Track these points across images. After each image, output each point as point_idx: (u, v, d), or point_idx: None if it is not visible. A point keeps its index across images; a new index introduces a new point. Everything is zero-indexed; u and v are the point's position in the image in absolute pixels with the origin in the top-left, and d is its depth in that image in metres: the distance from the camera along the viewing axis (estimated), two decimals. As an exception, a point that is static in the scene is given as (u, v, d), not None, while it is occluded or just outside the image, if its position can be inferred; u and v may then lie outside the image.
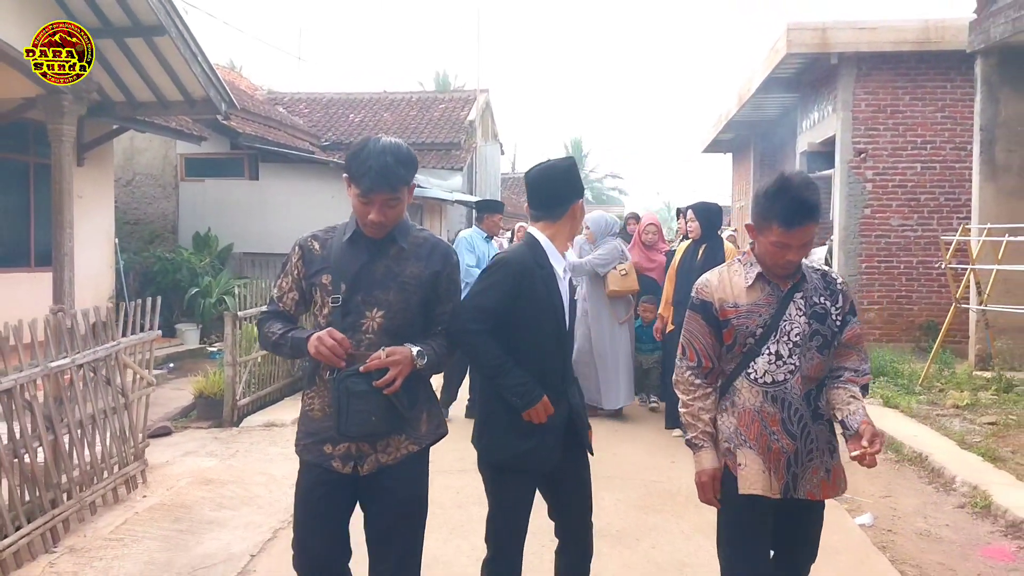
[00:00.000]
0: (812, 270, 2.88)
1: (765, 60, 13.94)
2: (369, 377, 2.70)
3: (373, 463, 2.84)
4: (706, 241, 7.30)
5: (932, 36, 11.81)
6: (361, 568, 2.98)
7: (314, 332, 2.77)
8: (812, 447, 2.81)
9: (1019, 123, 9.91)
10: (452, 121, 22.22)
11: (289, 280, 2.93)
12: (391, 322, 2.82)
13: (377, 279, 2.82)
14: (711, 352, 2.89)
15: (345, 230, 2.89)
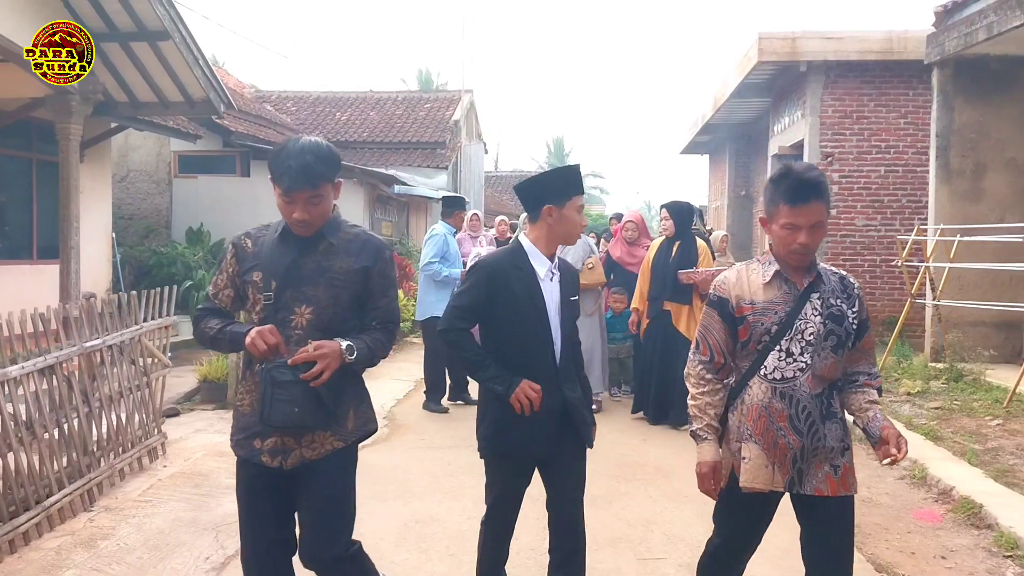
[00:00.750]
0: (830, 272, 2.92)
1: (738, 66, 14.59)
2: (296, 369, 2.72)
3: (297, 458, 2.86)
4: (679, 239, 7.63)
5: (895, 46, 12.50)
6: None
7: (252, 327, 2.80)
8: (819, 445, 2.82)
9: (972, 130, 10.58)
10: (437, 121, 22.73)
11: (224, 277, 2.96)
12: (319, 318, 2.84)
13: (306, 275, 2.85)
14: (724, 348, 2.92)
15: (277, 228, 2.92)
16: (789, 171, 2.81)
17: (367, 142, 22.06)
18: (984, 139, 10.57)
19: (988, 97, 10.51)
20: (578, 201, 3.35)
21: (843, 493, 2.83)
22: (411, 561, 4.39)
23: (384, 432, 7.17)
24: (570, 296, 3.36)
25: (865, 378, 2.93)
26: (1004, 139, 10.52)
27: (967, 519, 5.15)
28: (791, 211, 2.74)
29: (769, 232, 2.87)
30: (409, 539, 4.70)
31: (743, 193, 20.27)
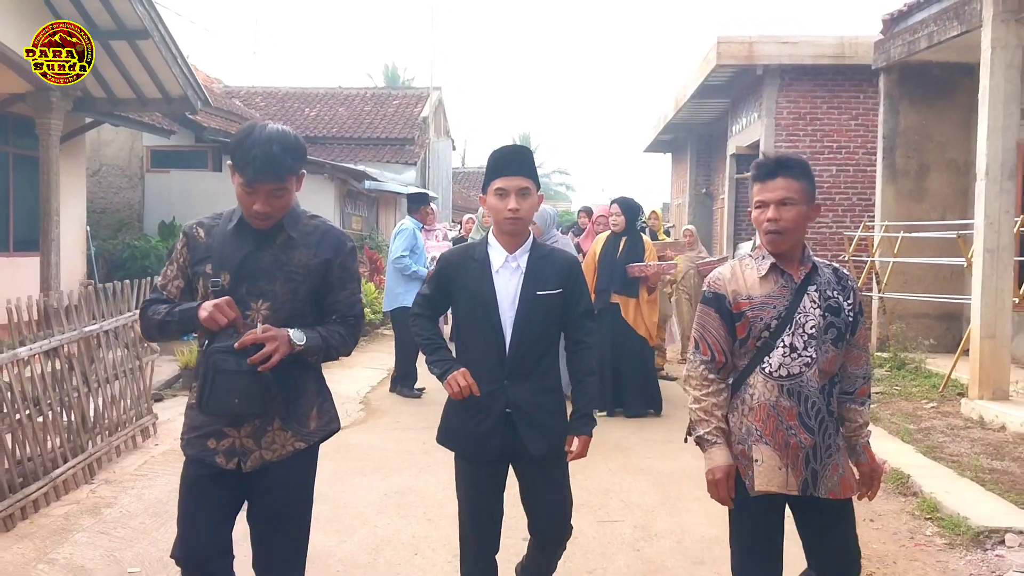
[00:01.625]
0: (824, 265, 2.86)
1: (698, 69, 15.14)
2: (240, 356, 2.57)
3: (257, 460, 2.71)
4: (626, 234, 7.87)
5: (847, 51, 13.10)
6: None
7: (204, 300, 2.67)
8: (831, 442, 2.76)
9: (916, 133, 11.20)
10: (406, 117, 23.10)
11: (175, 268, 2.79)
12: (277, 313, 2.70)
13: (263, 269, 2.70)
14: (724, 346, 2.81)
15: (231, 217, 2.76)
16: (763, 154, 2.84)
17: (336, 138, 22.37)
18: (927, 141, 11.20)
19: (931, 101, 11.13)
20: (495, 185, 3.10)
21: (850, 494, 2.80)
22: (392, 525, 4.82)
23: (361, 415, 7.59)
24: (538, 290, 3.10)
25: (861, 383, 2.87)
26: (945, 141, 11.15)
27: (896, 488, 5.67)
28: (760, 188, 2.74)
29: (754, 222, 2.84)
30: (389, 507, 5.13)
31: (704, 191, 20.85)
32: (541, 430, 3.12)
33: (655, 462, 6.14)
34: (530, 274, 3.11)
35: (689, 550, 4.50)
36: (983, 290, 7.73)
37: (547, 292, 3.11)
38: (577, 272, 3.22)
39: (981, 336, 7.72)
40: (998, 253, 7.69)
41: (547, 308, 3.11)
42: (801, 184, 2.73)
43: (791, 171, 2.73)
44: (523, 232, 3.16)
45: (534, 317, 3.10)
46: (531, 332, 3.10)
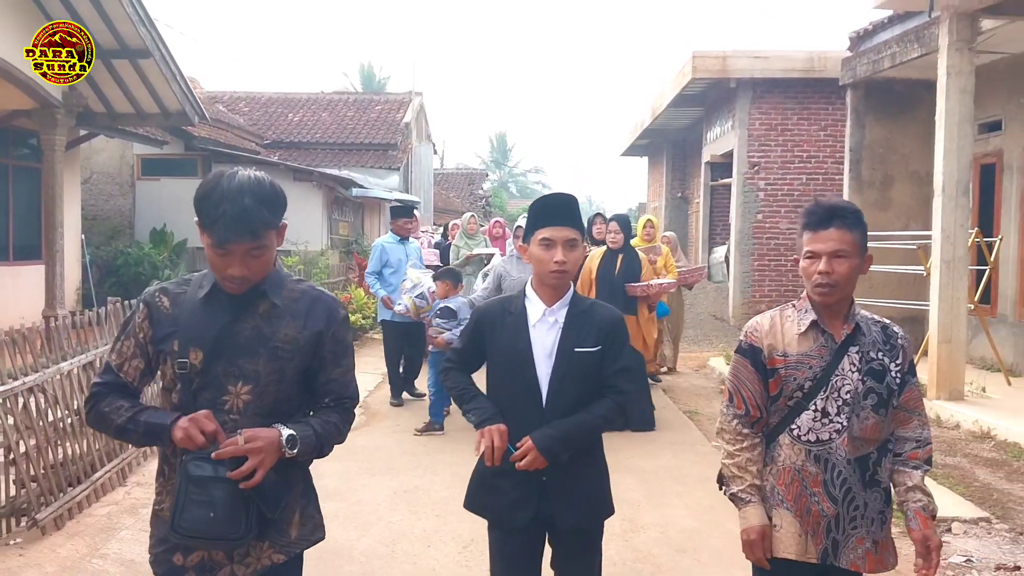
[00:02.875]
0: (872, 322, 2.70)
1: (674, 80, 15.73)
2: (220, 464, 2.20)
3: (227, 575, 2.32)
4: (623, 251, 7.79)
5: (816, 65, 13.74)
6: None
7: (178, 416, 2.24)
8: (856, 515, 2.61)
9: (881, 146, 11.83)
10: (389, 123, 23.52)
11: (132, 344, 2.34)
12: (261, 399, 2.32)
13: (242, 345, 2.31)
14: (759, 401, 2.68)
15: (201, 283, 2.37)
16: (817, 201, 2.70)
17: (320, 143, 22.75)
18: (891, 154, 11.83)
19: (895, 116, 11.76)
20: (541, 234, 2.94)
21: (879, 570, 2.67)
22: (405, 521, 5.32)
23: (362, 419, 8.07)
24: (576, 346, 2.91)
25: (913, 447, 2.69)
26: (908, 154, 11.78)
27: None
28: (812, 237, 2.60)
29: (801, 271, 2.69)
30: (400, 504, 5.63)
31: (680, 195, 21.49)
32: (575, 500, 2.90)
33: (639, 461, 6.66)
34: (568, 329, 2.93)
35: (672, 540, 5.05)
36: (940, 298, 8.34)
37: (585, 349, 2.92)
38: (619, 329, 3.00)
39: (938, 341, 8.33)
40: (954, 264, 8.30)
41: (585, 365, 2.92)
42: (855, 235, 2.58)
43: (845, 221, 2.58)
44: (566, 286, 2.98)
45: (572, 375, 2.91)
46: (569, 391, 2.90)
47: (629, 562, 4.73)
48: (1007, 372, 9.32)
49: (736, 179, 14.21)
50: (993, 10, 8.08)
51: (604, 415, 2.89)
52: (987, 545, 5.04)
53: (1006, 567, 4.70)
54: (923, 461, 2.69)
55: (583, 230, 3.04)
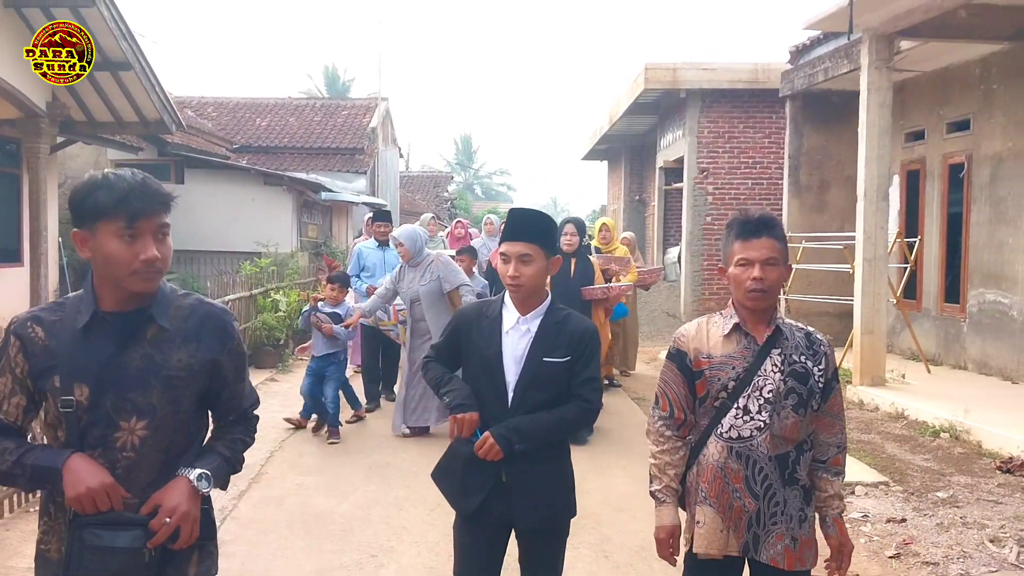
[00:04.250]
0: (796, 328, 2.81)
1: (629, 89, 16.54)
2: (119, 525, 2.06)
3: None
4: (577, 255, 7.76)
5: (760, 77, 14.60)
6: None
7: (68, 456, 2.07)
8: (777, 510, 2.69)
9: (817, 153, 12.72)
10: (355, 127, 24.10)
11: (9, 380, 2.14)
12: (157, 433, 2.15)
13: (132, 376, 2.11)
14: (684, 403, 2.79)
15: (79, 310, 2.14)
16: (739, 213, 2.81)
17: (288, 147, 23.28)
18: (828, 160, 12.73)
19: (830, 125, 12.65)
20: (500, 248, 3.10)
21: (799, 568, 2.72)
22: (379, 490, 6.02)
23: (336, 407, 8.75)
24: (545, 356, 3.01)
25: (835, 453, 2.80)
26: (843, 160, 12.67)
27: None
28: (743, 246, 2.69)
29: (727, 280, 2.78)
30: (374, 477, 6.33)
31: (637, 198, 22.33)
32: (535, 501, 3.00)
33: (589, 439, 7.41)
34: (539, 339, 3.04)
35: (612, 502, 5.80)
36: (863, 293, 9.19)
37: (554, 359, 3.02)
38: (590, 341, 3.07)
39: (861, 332, 9.19)
40: (874, 262, 9.15)
41: (553, 374, 3.02)
42: (781, 245, 2.72)
43: (774, 231, 2.71)
44: (532, 297, 3.08)
45: (537, 382, 3.01)
46: (533, 397, 3.01)
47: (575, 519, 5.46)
48: (927, 361, 10.21)
49: (687, 184, 15.05)
50: (908, 32, 8.93)
51: (564, 416, 2.99)
52: (883, 504, 5.85)
53: (895, 520, 5.51)
54: (841, 467, 2.81)
55: (547, 244, 3.08)
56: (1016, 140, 9.50)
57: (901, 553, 4.98)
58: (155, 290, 2.16)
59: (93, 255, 2.11)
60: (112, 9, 10.33)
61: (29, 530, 5.06)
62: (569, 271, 7.67)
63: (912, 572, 4.73)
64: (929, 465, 6.71)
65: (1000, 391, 8.96)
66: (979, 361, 10.06)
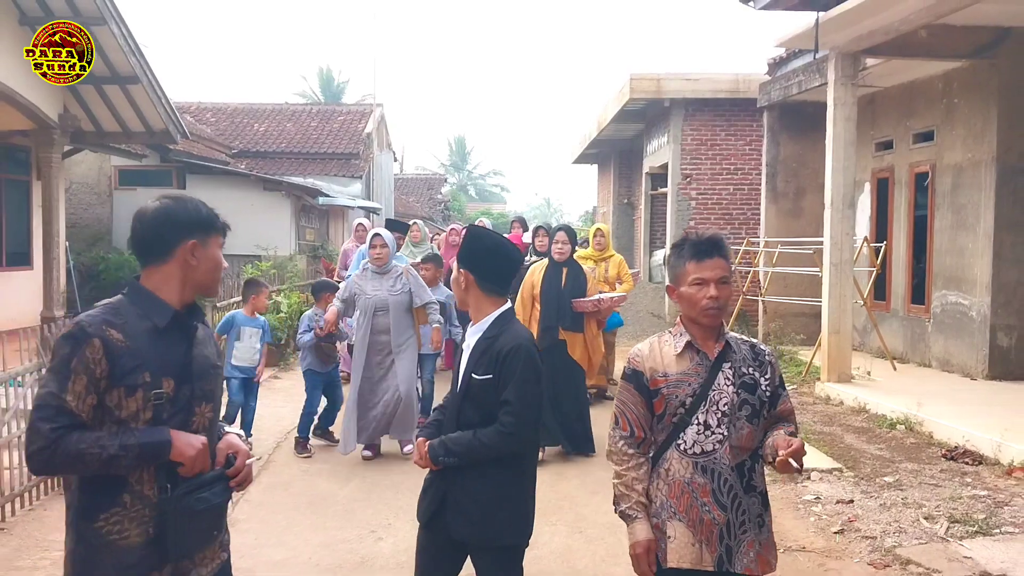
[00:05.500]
0: (741, 341, 2.90)
1: (615, 98, 17.15)
2: (208, 487, 2.41)
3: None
4: (568, 264, 7.34)
5: (741, 87, 15.19)
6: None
7: (168, 430, 2.34)
8: (744, 519, 2.77)
9: (794, 161, 13.34)
10: (351, 133, 24.68)
11: (84, 381, 2.26)
12: (215, 415, 2.55)
13: (198, 370, 2.46)
14: (643, 422, 2.84)
15: (148, 315, 2.39)
16: (687, 236, 2.89)
17: (285, 152, 23.85)
18: (803, 168, 13.35)
19: (806, 135, 13.25)
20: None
21: (768, 572, 2.83)
22: (377, 475, 6.62)
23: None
24: (474, 373, 3.10)
25: (785, 426, 2.87)
26: (818, 168, 13.19)
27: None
28: (697, 266, 2.78)
29: (678, 299, 2.87)
30: (372, 464, 6.91)
31: (626, 201, 22.94)
32: (465, 515, 3.08)
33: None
34: (472, 356, 3.13)
35: (588, 486, 6.40)
36: (830, 295, 9.80)
37: (479, 377, 3.09)
38: (511, 360, 3.07)
39: (828, 332, 9.79)
40: (841, 266, 9.76)
41: (481, 392, 3.09)
42: (729, 264, 2.84)
43: (723, 251, 2.82)
44: (474, 312, 3.22)
45: (469, 399, 3.12)
46: (468, 413, 3.11)
47: (554, 501, 6.07)
48: (892, 359, 10.82)
49: (671, 190, 15.65)
50: (872, 51, 9.53)
51: (481, 438, 3.05)
52: (834, 487, 6.45)
53: (843, 501, 6.11)
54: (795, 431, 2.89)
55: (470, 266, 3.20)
56: (975, 151, 10.11)
57: (845, 529, 5.58)
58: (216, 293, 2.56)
59: (198, 262, 2.46)
60: (122, 27, 10.91)
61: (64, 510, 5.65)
62: (560, 281, 7.24)
63: (852, 545, 5.33)
64: (882, 454, 7.31)
65: (957, 387, 9.57)
66: (942, 359, 10.67)
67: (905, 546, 5.22)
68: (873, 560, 5.08)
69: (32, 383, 5.82)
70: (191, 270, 2.46)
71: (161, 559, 2.36)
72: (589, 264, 8.88)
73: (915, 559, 5.01)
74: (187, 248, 2.42)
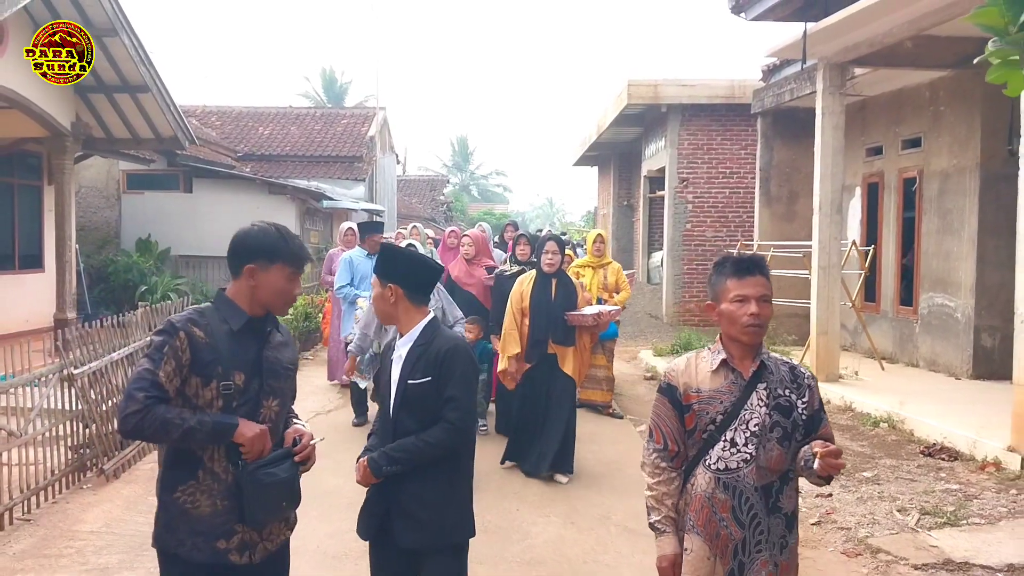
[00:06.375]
0: (781, 362, 2.92)
1: (614, 103, 17.49)
2: (276, 463, 2.81)
3: (263, 551, 2.87)
4: (557, 276, 7.00)
5: (736, 92, 15.52)
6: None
7: (236, 417, 2.75)
8: (762, 539, 2.79)
9: (787, 166, 13.66)
10: (354, 136, 25.00)
11: (173, 365, 2.71)
12: (283, 408, 2.94)
13: (270, 368, 2.88)
14: (677, 436, 2.88)
15: (226, 319, 2.84)
16: (729, 255, 2.96)
17: (290, 155, 24.17)
18: (796, 173, 13.67)
19: (798, 140, 13.57)
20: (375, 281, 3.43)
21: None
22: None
23: (340, 401, 9.66)
24: (410, 379, 3.20)
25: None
26: (810, 173, 13.36)
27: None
28: (739, 283, 2.81)
29: (719, 317, 2.89)
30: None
31: (626, 203, 23.27)
32: (412, 521, 3.15)
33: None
34: (406, 363, 3.23)
35: (582, 481, 6.72)
36: (818, 297, 10.13)
37: (415, 380, 3.18)
38: (449, 360, 3.20)
39: (817, 333, 10.12)
40: (829, 269, 10.09)
41: (418, 395, 3.18)
42: (770, 283, 2.87)
43: (763, 270, 2.86)
44: (401, 324, 3.32)
45: (407, 405, 3.19)
46: (406, 419, 3.18)
47: (548, 493, 6.42)
48: (881, 359, 11.13)
49: (668, 193, 15.98)
50: (859, 61, 9.86)
51: (428, 440, 3.14)
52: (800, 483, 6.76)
53: (823, 495, 6.44)
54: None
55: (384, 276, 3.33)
56: (960, 158, 10.43)
57: (822, 521, 5.92)
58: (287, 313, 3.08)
59: (257, 284, 2.84)
60: (133, 38, 11.26)
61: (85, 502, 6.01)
62: (550, 294, 6.91)
63: (828, 536, 5.67)
64: (863, 450, 7.64)
65: (941, 386, 9.89)
66: (929, 359, 10.99)
67: (877, 536, 5.56)
68: (846, 549, 5.42)
69: (56, 383, 6.17)
70: (253, 289, 2.85)
71: (229, 530, 2.77)
72: (587, 271, 9.04)
73: (885, 548, 5.35)
74: (248, 270, 2.82)
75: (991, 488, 6.38)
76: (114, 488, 6.37)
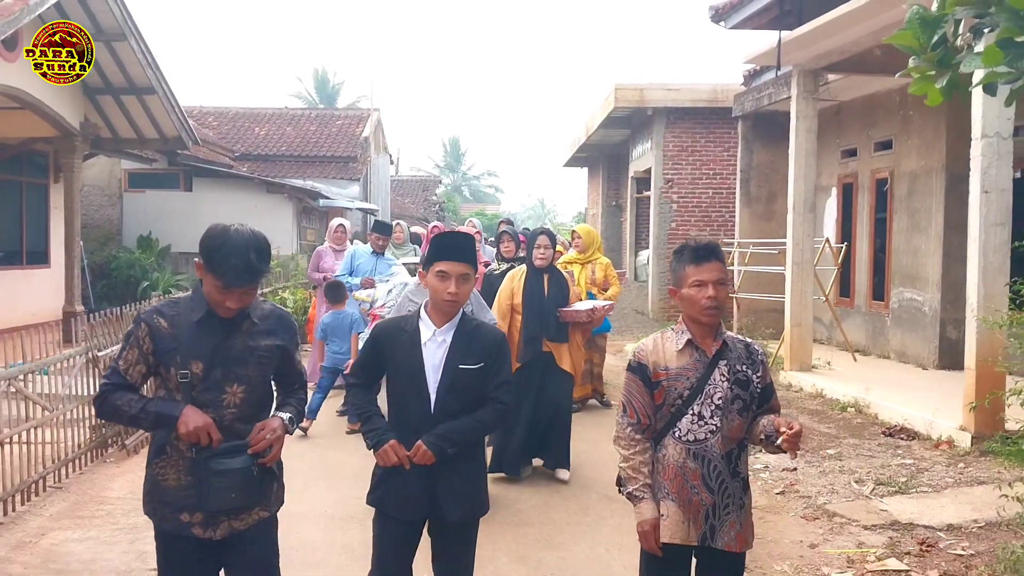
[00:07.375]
0: (737, 340, 3.13)
1: (601, 106, 18.05)
2: (231, 453, 2.87)
3: (226, 528, 2.96)
4: (550, 271, 6.86)
5: (719, 96, 16.09)
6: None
7: (182, 406, 2.84)
8: (729, 501, 3.03)
9: (766, 167, 14.25)
10: (349, 137, 25.50)
11: (136, 354, 2.90)
12: (251, 395, 2.98)
13: (235, 355, 2.93)
14: (649, 411, 3.06)
15: (192, 309, 2.93)
16: (687, 243, 3.11)
17: (285, 156, 24.66)
18: (775, 174, 14.24)
19: (777, 142, 14.14)
20: (438, 267, 3.34)
21: (746, 549, 3.12)
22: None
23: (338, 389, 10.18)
24: (460, 363, 3.33)
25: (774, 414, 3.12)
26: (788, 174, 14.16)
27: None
28: (697, 269, 3.00)
29: (680, 300, 3.09)
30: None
31: (614, 203, 23.83)
32: (459, 497, 3.33)
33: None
34: (454, 348, 3.34)
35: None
36: (792, 292, 10.70)
37: (468, 366, 3.33)
38: (500, 348, 3.42)
39: (791, 325, 10.69)
40: (802, 265, 10.66)
41: (469, 379, 3.33)
42: (725, 267, 3.07)
43: (719, 256, 3.06)
44: (456, 312, 3.40)
45: (456, 387, 3.31)
46: (453, 401, 3.32)
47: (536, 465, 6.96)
48: (854, 351, 11.71)
49: (654, 193, 16.56)
50: (831, 68, 10.43)
51: (483, 420, 3.36)
52: (782, 458, 7.23)
53: (788, 469, 7.00)
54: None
55: (475, 264, 3.44)
56: (927, 160, 11.01)
57: (786, 491, 6.47)
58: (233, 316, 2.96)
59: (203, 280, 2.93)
60: (141, 42, 11.77)
61: (110, 473, 6.54)
62: (542, 289, 6.72)
63: (790, 503, 6.23)
64: (830, 431, 8.21)
65: (908, 376, 10.47)
66: (899, 351, 11.57)
67: (834, 503, 6.12)
68: (805, 514, 5.97)
69: (64, 370, 6.67)
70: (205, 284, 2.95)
71: (191, 505, 2.91)
72: (575, 268, 9.11)
73: (840, 512, 5.91)
74: (198, 265, 2.95)
75: (942, 463, 6.95)
76: (135, 461, 6.88)
